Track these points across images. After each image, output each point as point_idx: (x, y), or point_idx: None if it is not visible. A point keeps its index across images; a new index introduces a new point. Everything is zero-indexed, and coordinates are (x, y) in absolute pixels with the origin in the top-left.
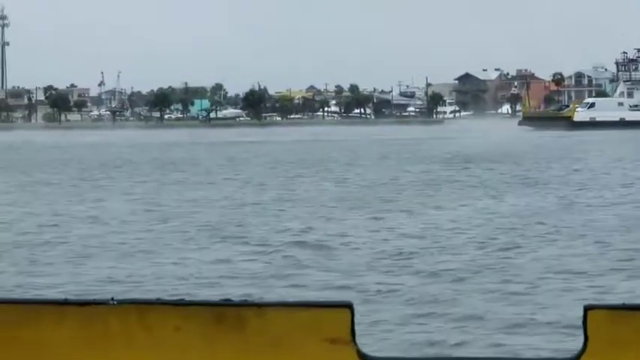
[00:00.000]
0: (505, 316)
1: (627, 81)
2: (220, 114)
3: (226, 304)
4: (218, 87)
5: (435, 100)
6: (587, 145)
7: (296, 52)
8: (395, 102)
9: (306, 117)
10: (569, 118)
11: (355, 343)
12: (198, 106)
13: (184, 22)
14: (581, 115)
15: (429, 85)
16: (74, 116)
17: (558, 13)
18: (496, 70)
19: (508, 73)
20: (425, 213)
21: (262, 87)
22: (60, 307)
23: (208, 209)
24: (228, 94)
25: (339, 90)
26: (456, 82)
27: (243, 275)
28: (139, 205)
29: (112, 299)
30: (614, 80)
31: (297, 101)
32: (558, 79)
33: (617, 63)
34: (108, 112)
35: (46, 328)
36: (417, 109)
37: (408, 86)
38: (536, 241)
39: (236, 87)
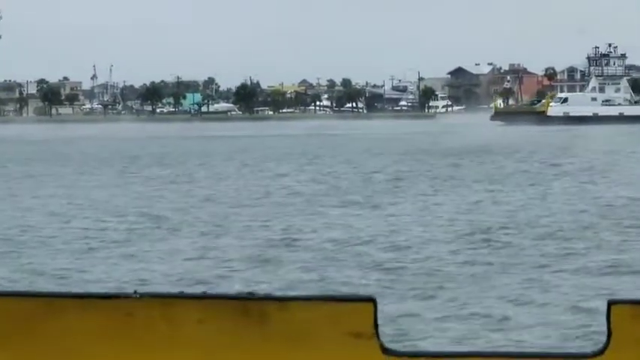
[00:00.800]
0: None
1: (599, 76)
2: (212, 108)
3: (249, 297)
4: (210, 81)
5: (426, 94)
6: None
7: (289, 46)
8: (387, 96)
9: (298, 111)
10: (542, 113)
11: (378, 338)
12: (190, 99)
13: (178, 16)
14: (554, 110)
15: (421, 79)
16: (66, 110)
17: (550, 7)
18: (489, 64)
19: (501, 68)
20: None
21: (255, 81)
22: (83, 300)
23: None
24: (221, 88)
25: (331, 84)
26: (449, 76)
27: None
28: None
29: (135, 292)
30: (627, 75)
31: (289, 95)
32: (551, 74)
33: (588, 58)
34: (99, 106)
35: (70, 321)
36: (409, 104)
37: (400, 80)
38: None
39: (229, 81)
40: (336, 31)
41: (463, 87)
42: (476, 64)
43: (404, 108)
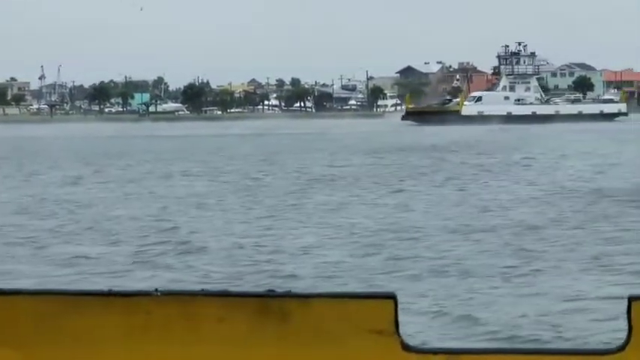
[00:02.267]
0: None
1: (510, 75)
2: (160, 108)
3: (270, 295)
4: (159, 81)
5: (375, 93)
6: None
7: (240, 46)
8: (336, 95)
9: (246, 110)
10: (456, 112)
11: (399, 335)
12: (139, 99)
13: (129, 16)
14: (468, 109)
15: (370, 78)
16: (12, 110)
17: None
18: (438, 63)
19: (450, 66)
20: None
21: (204, 80)
22: (104, 298)
23: None
24: (170, 88)
25: (280, 84)
26: (398, 75)
27: None
28: None
29: (156, 290)
30: (556, 75)
31: (238, 95)
32: (498, 72)
33: (498, 57)
34: (46, 106)
35: (91, 319)
36: (359, 103)
37: (349, 80)
38: None
39: (179, 81)
40: (287, 30)
41: (412, 86)
42: (425, 63)
43: (353, 107)
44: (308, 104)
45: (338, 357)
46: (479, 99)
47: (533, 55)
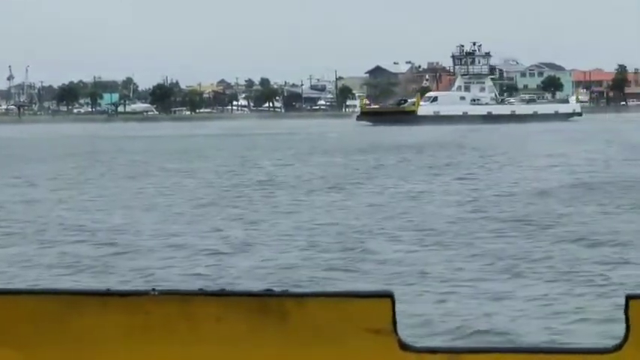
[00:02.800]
0: None
1: (465, 75)
2: (129, 108)
3: (268, 294)
4: (129, 81)
5: (344, 93)
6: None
7: (210, 46)
8: (305, 95)
9: (215, 111)
10: (412, 113)
11: (397, 334)
12: (108, 99)
13: (100, 16)
14: (424, 109)
15: (339, 78)
16: None
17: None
18: (407, 62)
19: (420, 66)
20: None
21: (174, 81)
22: (102, 297)
23: None
24: (140, 89)
25: (249, 84)
26: (367, 75)
27: None
28: None
29: (154, 289)
30: (525, 74)
31: (207, 95)
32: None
33: (453, 57)
34: (14, 107)
35: (89, 319)
36: (328, 103)
37: (318, 80)
38: None
39: (149, 81)
40: (257, 31)
41: (381, 86)
42: (394, 63)
43: (322, 107)
44: (277, 104)
45: (336, 356)
46: (435, 99)
47: (488, 55)
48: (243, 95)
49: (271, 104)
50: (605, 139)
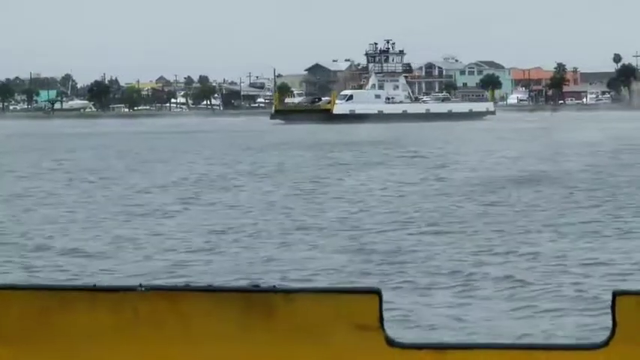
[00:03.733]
0: None
1: (379, 73)
2: (67, 105)
3: (255, 290)
4: (67, 78)
5: (282, 91)
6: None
7: (149, 43)
8: (244, 93)
9: (154, 108)
10: (328, 111)
11: (383, 329)
12: (45, 96)
13: (42, 12)
14: (340, 107)
15: (279, 76)
16: None
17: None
18: (346, 60)
19: (359, 64)
20: None
21: (113, 78)
22: (90, 293)
23: None
24: (79, 85)
25: (188, 81)
26: (306, 72)
27: None
28: None
29: (141, 285)
30: (464, 73)
31: (145, 92)
32: (406, 70)
33: (367, 54)
34: None
35: (78, 314)
36: (267, 100)
37: (257, 77)
38: None
39: (89, 78)
40: (198, 28)
41: (319, 83)
42: (333, 61)
43: (261, 105)
44: (216, 102)
45: (323, 351)
46: (350, 97)
47: (402, 53)
48: (182, 93)
49: (209, 102)
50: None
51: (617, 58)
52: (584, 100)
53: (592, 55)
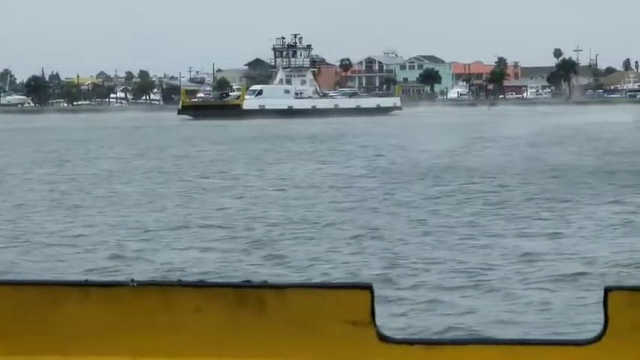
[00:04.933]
0: None
1: (286, 68)
2: (4, 100)
3: (247, 285)
4: (5, 73)
5: (222, 86)
6: None
7: (89, 38)
8: (184, 88)
9: (94, 103)
10: (238, 107)
11: (375, 325)
12: None
13: None
14: (249, 102)
15: (219, 70)
16: None
17: None
18: None
19: (316, 59)
20: None
21: (54, 73)
22: (82, 288)
23: None
24: (18, 81)
25: (129, 76)
26: (247, 67)
27: None
28: None
29: (133, 281)
30: (405, 67)
31: (85, 87)
32: (346, 65)
33: (274, 49)
34: None
35: (69, 310)
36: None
37: (197, 72)
38: None
39: (29, 73)
40: (139, 23)
41: (260, 78)
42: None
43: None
44: (156, 97)
45: (314, 347)
46: (259, 92)
47: (309, 47)
48: (122, 87)
49: (148, 97)
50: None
51: (557, 53)
52: (525, 94)
53: (533, 49)
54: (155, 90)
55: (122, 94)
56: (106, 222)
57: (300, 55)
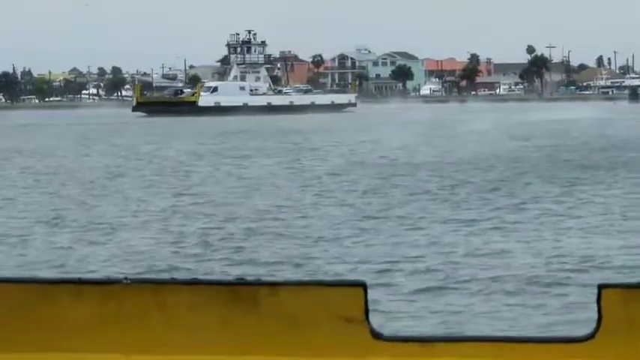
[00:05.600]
0: None
1: (241, 64)
2: None
3: (240, 283)
4: None
5: (193, 82)
6: None
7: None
8: (157, 84)
9: (66, 99)
10: (193, 103)
11: (369, 322)
12: None
13: None
14: (205, 99)
15: (191, 67)
16: None
17: None
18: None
19: (271, 55)
20: None
21: (26, 69)
22: (75, 286)
23: None
24: None
25: (102, 72)
26: (218, 64)
27: None
28: None
29: (126, 278)
30: (377, 64)
31: (57, 83)
32: (318, 61)
33: (228, 45)
34: None
35: (63, 307)
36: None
37: (170, 69)
38: None
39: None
40: (112, 18)
41: (214, 75)
42: None
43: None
44: (128, 93)
45: (308, 345)
46: (215, 89)
47: (263, 43)
48: (94, 84)
49: (120, 93)
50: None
51: (530, 49)
52: (498, 91)
53: (506, 46)
54: (127, 86)
55: (94, 91)
56: None
57: (255, 52)
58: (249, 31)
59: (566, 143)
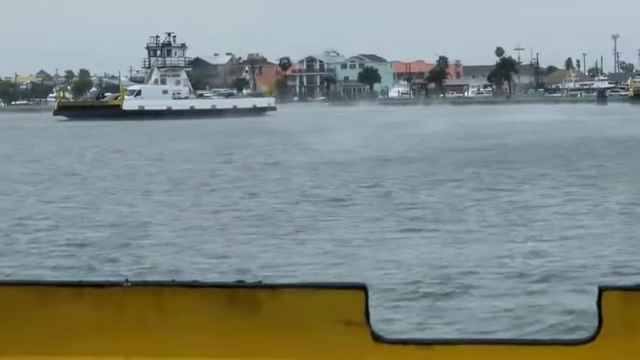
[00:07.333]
0: None
1: (161, 67)
2: None
3: (240, 285)
4: None
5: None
6: None
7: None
8: (124, 87)
9: (32, 103)
10: (117, 107)
11: (369, 325)
12: None
13: None
14: (129, 103)
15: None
16: None
17: None
18: (227, 54)
19: (240, 58)
20: None
21: None
22: (76, 288)
23: None
24: None
25: (69, 75)
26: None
27: None
28: None
29: (127, 281)
30: (346, 66)
31: (24, 86)
32: (285, 64)
33: (148, 48)
34: None
35: (63, 310)
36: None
37: (138, 71)
38: None
39: None
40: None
41: (200, 77)
42: (215, 55)
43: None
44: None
45: (308, 347)
46: (138, 93)
47: (184, 46)
48: (60, 87)
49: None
50: None
51: (499, 52)
52: (466, 93)
53: (475, 48)
54: (93, 89)
55: (60, 93)
56: None
57: (175, 54)
58: (169, 34)
59: (496, 143)
